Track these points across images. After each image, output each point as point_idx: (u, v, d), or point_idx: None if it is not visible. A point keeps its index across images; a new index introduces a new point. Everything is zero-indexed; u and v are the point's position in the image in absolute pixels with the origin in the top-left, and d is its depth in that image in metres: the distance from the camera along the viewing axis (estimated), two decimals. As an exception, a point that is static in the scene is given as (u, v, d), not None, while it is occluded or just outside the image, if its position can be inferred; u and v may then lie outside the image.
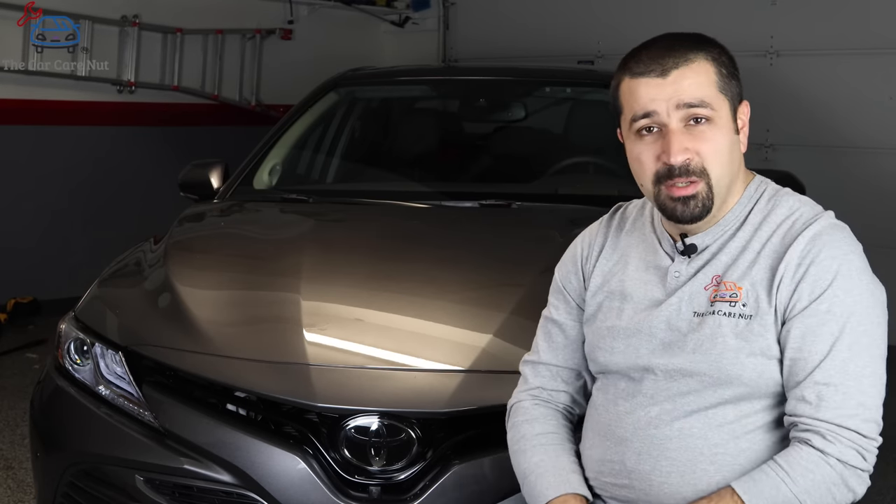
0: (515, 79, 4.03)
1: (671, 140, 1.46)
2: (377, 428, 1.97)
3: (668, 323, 1.52)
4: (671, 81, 1.46)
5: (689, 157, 1.46)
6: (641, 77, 1.48)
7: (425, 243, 2.83)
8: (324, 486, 1.96)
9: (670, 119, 1.46)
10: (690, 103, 1.46)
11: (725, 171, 1.49)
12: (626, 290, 1.60)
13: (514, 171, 3.58)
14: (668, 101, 1.46)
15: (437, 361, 2.20)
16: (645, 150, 1.50)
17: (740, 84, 1.54)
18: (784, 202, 1.54)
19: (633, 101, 1.50)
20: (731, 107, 1.51)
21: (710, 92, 1.47)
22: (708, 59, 1.49)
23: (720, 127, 1.48)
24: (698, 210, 1.48)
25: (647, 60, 1.48)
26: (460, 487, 1.94)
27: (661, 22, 5.73)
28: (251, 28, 6.42)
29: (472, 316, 2.33)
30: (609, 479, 1.58)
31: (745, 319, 1.46)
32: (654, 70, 1.47)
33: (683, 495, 1.49)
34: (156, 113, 6.01)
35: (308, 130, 3.71)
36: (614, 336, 1.59)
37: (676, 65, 1.47)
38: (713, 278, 1.51)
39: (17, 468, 3.44)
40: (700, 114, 1.46)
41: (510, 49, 6.39)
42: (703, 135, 1.47)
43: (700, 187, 1.47)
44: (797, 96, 5.40)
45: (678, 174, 1.47)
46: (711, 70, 1.49)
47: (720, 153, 1.48)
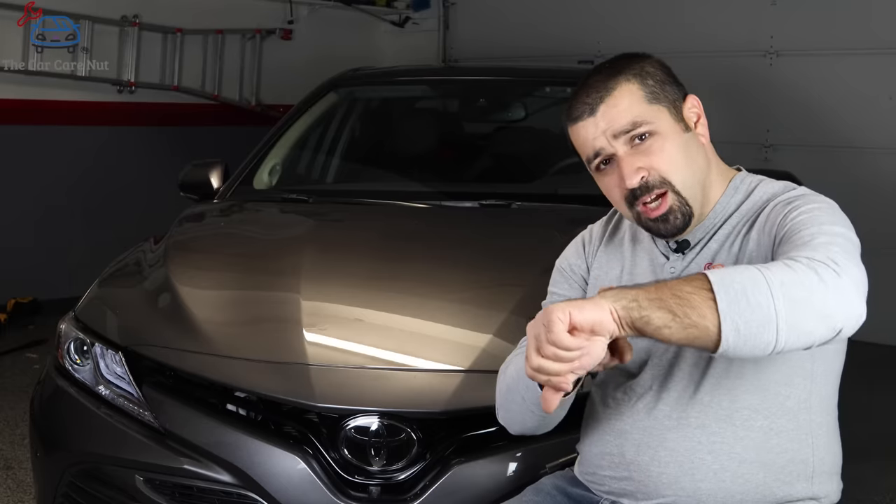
0: (515, 79, 4.03)
1: (622, 166, 1.51)
2: (377, 428, 1.98)
3: None
4: (601, 116, 1.51)
5: (643, 175, 1.50)
6: (578, 122, 1.54)
7: (425, 243, 2.83)
8: (324, 486, 1.96)
9: (616, 148, 1.51)
10: (625, 129, 1.50)
11: (688, 172, 1.52)
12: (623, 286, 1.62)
13: (513, 171, 3.58)
14: (605, 133, 1.51)
15: (436, 361, 2.20)
16: (608, 182, 1.55)
17: (678, 84, 1.56)
18: (768, 188, 1.57)
19: (580, 145, 1.55)
20: (671, 111, 1.53)
21: (640, 109, 1.51)
22: (629, 78, 1.52)
23: (664, 134, 1.51)
24: (679, 222, 1.52)
25: (577, 105, 1.54)
26: (460, 487, 1.94)
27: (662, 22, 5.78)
28: (251, 28, 6.43)
29: (472, 316, 2.33)
30: (608, 473, 1.60)
31: None
32: (585, 111, 1.52)
33: (682, 485, 1.51)
34: (156, 113, 6.01)
35: (308, 130, 3.71)
36: None
37: (601, 99, 1.51)
38: (705, 266, 1.54)
39: (17, 468, 3.44)
40: (639, 132, 1.50)
41: (510, 49, 6.39)
42: (649, 149, 1.50)
43: (670, 199, 1.50)
44: (797, 96, 5.40)
45: (641, 193, 1.50)
46: (635, 87, 1.52)
47: (674, 159, 1.51)
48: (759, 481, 1.50)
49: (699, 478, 1.50)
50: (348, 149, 3.84)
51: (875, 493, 3.31)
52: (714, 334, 1.21)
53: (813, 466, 1.53)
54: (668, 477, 1.52)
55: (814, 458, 1.53)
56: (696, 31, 5.64)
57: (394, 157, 3.87)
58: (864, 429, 3.84)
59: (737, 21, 5.56)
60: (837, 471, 1.59)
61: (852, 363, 1.53)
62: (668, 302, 1.22)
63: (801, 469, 1.52)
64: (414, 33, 7.21)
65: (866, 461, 3.51)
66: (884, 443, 3.79)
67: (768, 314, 1.21)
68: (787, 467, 1.51)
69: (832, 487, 1.56)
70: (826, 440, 1.55)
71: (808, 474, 1.52)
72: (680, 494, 1.51)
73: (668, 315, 1.22)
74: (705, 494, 1.50)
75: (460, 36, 7.06)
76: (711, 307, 1.21)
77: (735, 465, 1.49)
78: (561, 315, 1.20)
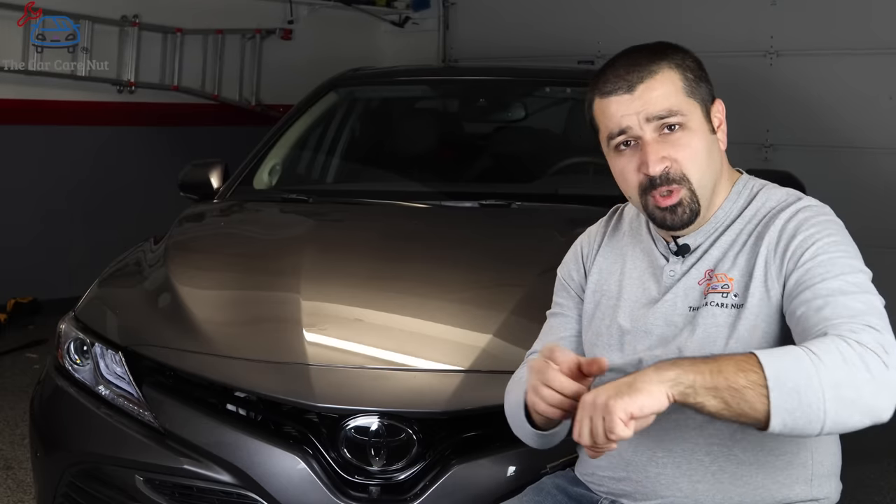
0: (515, 79, 4.03)
1: (647, 152, 1.49)
2: (377, 428, 1.97)
3: (665, 319, 1.55)
4: (638, 95, 1.49)
5: (667, 166, 1.49)
6: (610, 96, 1.51)
7: (425, 243, 2.83)
8: (323, 486, 1.96)
9: (644, 131, 1.49)
10: (660, 115, 1.48)
11: (706, 173, 1.52)
12: (623, 290, 1.63)
13: (513, 171, 3.58)
14: (639, 114, 1.49)
15: (437, 361, 2.20)
16: (626, 165, 1.53)
17: (710, 85, 1.56)
18: (772, 195, 1.57)
19: (606, 119, 1.53)
20: (702, 109, 1.53)
21: (678, 99, 1.50)
22: (672, 66, 1.51)
23: (694, 131, 1.50)
24: (686, 216, 1.51)
25: (613, 78, 1.51)
26: (460, 487, 1.94)
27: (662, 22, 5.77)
28: (251, 28, 6.42)
29: (472, 316, 2.33)
30: (607, 473, 1.60)
31: (737, 308, 1.48)
32: (621, 87, 1.50)
33: (679, 486, 1.51)
34: (156, 113, 6.01)
35: (308, 130, 3.71)
36: (611, 335, 1.61)
37: (641, 78, 1.49)
38: (706, 272, 1.53)
39: (17, 468, 3.44)
40: (671, 122, 1.49)
41: (510, 49, 6.39)
42: (678, 141, 1.49)
43: (683, 193, 1.50)
44: (797, 96, 5.39)
45: (660, 183, 1.49)
46: (677, 77, 1.51)
47: (697, 157, 1.50)
48: (757, 483, 1.50)
49: (697, 479, 1.50)
50: (348, 149, 3.84)
51: (875, 494, 3.31)
52: (762, 422, 1.28)
53: (812, 469, 1.52)
54: (665, 478, 1.52)
55: (812, 461, 1.52)
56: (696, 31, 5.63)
57: (394, 157, 3.87)
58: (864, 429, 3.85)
59: (736, 21, 5.55)
60: (837, 472, 1.59)
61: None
62: (722, 393, 1.27)
63: (799, 471, 1.51)
64: (414, 33, 7.20)
65: (867, 462, 3.51)
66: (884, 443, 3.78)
67: (818, 415, 1.26)
68: (785, 470, 1.50)
69: (831, 489, 1.56)
70: (825, 442, 1.54)
71: (807, 477, 1.52)
72: (678, 495, 1.51)
73: (721, 404, 1.28)
74: (703, 495, 1.50)
75: (460, 36, 7.06)
76: (764, 403, 1.26)
77: (733, 467, 1.49)
78: (622, 415, 1.25)
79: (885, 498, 3.30)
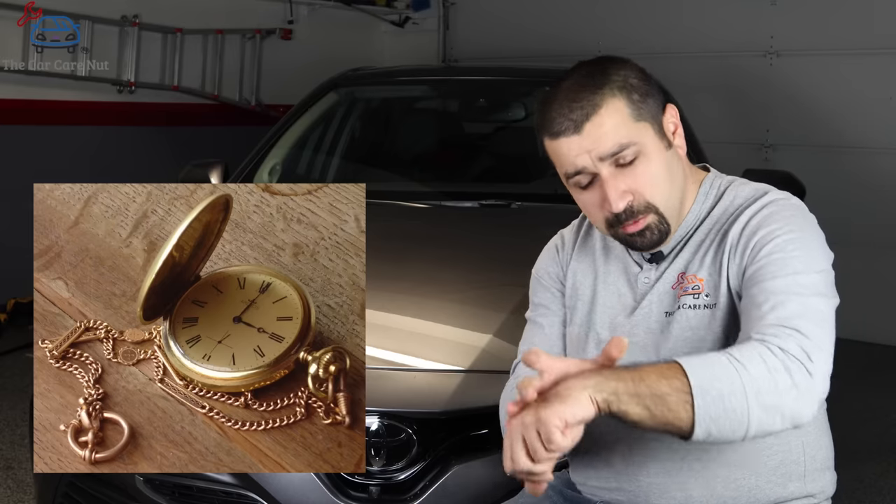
0: (515, 79, 4.03)
1: (608, 190, 1.46)
2: (377, 428, 1.98)
3: (645, 327, 1.54)
4: (587, 134, 1.44)
5: (630, 200, 1.46)
6: (559, 137, 1.46)
7: (425, 243, 2.83)
8: (323, 485, 1.96)
9: (600, 168, 1.46)
10: (612, 151, 1.44)
11: (671, 192, 1.49)
12: (597, 296, 1.61)
13: (513, 171, 3.58)
14: (590, 153, 1.45)
15: (436, 361, 2.20)
16: (588, 201, 1.51)
17: (659, 93, 1.51)
18: (740, 192, 1.54)
19: (559, 160, 1.49)
20: (654, 128, 1.48)
21: (627, 130, 1.45)
22: (615, 92, 1.45)
23: (649, 155, 1.47)
24: (655, 237, 1.50)
25: (558, 118, 1.46)
26: (460, 487, 1.94)
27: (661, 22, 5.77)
28: (251, 28, 6.43)
29: (472, 316, 2.33)
30: (597, 483, 1.59)
31: (709, 309, 1.47)
32: (568, 128, 1.45)
33: (672, 494, 1.50)
34: (156, 113, 6.01)
35: (308, 130, 3.71)
36: (589, 343, 1.59)
37: (587, 116, 1.44)
38: (678, 276, 1.52)
39: (17, 468, 3.44)
40: (626, 155, 1.45)
41: (510, 49, 6.39)
42: (635, 171, 1.46)
43: (650, 219, 1.48)
44: (797, 96, 5.40)
45: (625, 218, 1.47)
46: (622, 105, 1.45)
47: (659, 181, 1.47)
48: (751, 485, 1.49)
49: (689, 486, 1.49)
50: (348, 149, 3.84)
51: (875, 494, 3.31)
52: (686, 431, 1.26)
53: (804, 465, 1.52)
54: (658, 487, 1.51)
55: (805, 457, 1.51)
56: (696, 31, 5.64)
57: (394, 156, 3.87)
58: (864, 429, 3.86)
59: (736, 21, 5.56)
60: (830, 465, 1.58)
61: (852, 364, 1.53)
62: (645, 400, 1.25)
63: (793, 469, 1.51)
64: (414, 33, 7.21)
65: (867, 461, 3.52)
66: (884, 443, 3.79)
67: (741, 420, 1.26)
68: (778, 469, 1.50)
69: (826, 481, 1.56)
70: (816, 436, 1.54)
71: (801, 473, 1.51)
72: (671, 503, 1.51)
73: (645, 412, 1.25)
74: (697, 502, 1.49)
75: (460, 36, 7.06)
76: (688, 410, 1.25)
77: (725, 471, 1.48)
78: (557, 423, 1.21)
79: (884, 498, 3.30)
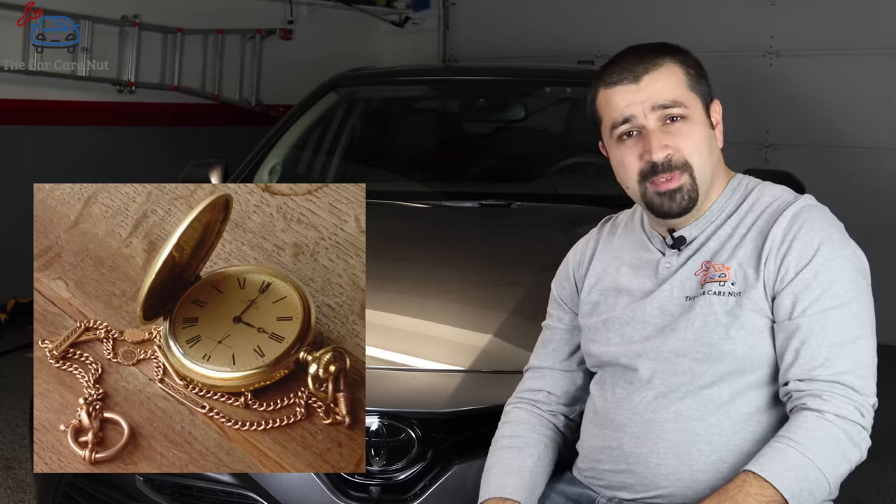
0: (515, 79, 4.03)
1: (651, 139, 1.53)
2: (377, 428, 1.97)
3: (661, 309, 1.57)
4: (644, 86, 1.54)
5: (669, 153, 1.53)
6: (616, 86, 1.56)
7: (425, 243, 2.83)
8: (323, 485, 1.96)
9: (648, 120, 1.54)
10: (664, 104, 1.53)
11: (706, 163, 1.56)
12: (620, 285, 1.65)
13: (513, 171, 3.58)
14: (643, 104, 1.54)
15: (437, 361, 2.20)
16: (628, 153, 1.57)
17: (709, 85, 1.61)
18: (768, 191, 1.60)
19: (610, 109, 1.57)
20: (703, 105, 1.58)
21: (682, 92, 1.55)
22: (675, 62, 1.57)
23: (696, 123, 1.55)
24: (685, 202, 1.55)
25: (619, 70, 1.56)
26: (460, 487, 1.94)
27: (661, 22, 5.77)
28: (251, 28, 6.42)
29: (472, 316, 2.33)
30: (607, 467, 1.60)
31: (734, 297, 1.51)
32: (627, 77, 1.55)
33: (679, 476, 1.52)
34: (156, 113, 6.01)
35: (308, 130, 3.71)
36: (609, 328, 1.63)
37: (647, 70, 1.55)
38: (703, 264, 1.56)
39: (17, 468, 3.44)
40: (675, 113, 1.54)
41: (510, 49, 6.39)
42: (680, 131, 1.54)
43: (684, 179, 1.54)
44: (797, 96, 5.40)
45: (661, 170, 1.53)
46: (680, 72, 1.56)
47: (699, 146, 1.55)
48: None
49: (697, 468, 1.51)
50: (348, 149, 3.84)
51: (875, 494, 3.31)
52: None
53: None
54: (666, 468, 1.52)
55: None
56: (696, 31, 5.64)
57: (394, 156, 3.87)
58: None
59: (736, 21, 5.56)
60: None
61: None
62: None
63: None
64: (414, 33, 7.21)
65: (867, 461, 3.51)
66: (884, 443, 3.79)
67: (825, 494, 1.44)
68: None
69: None
70: None
71: None
72: (678, 486, 1.52)
73: None
74: (703, 485, 1.50)
75: (460, 36, 7.06)
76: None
77: (733, 457, 1.50)
78: None
79: (884, 498, 3.30)
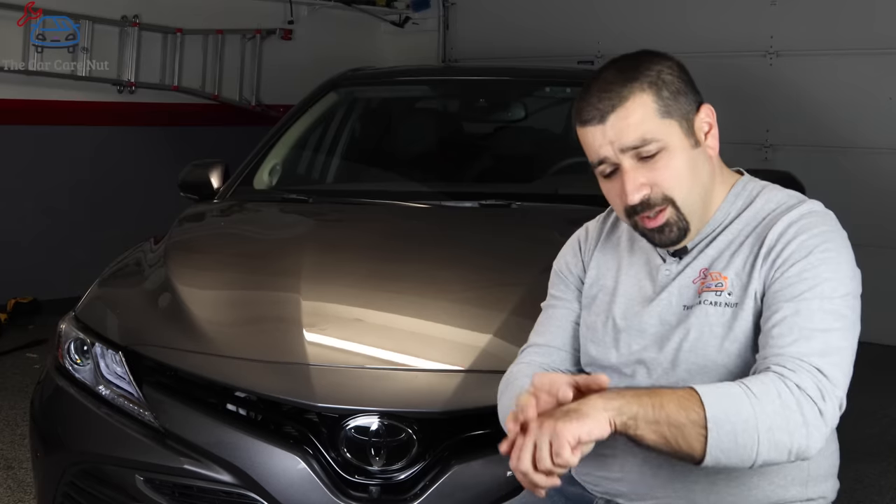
0: (515, 79, 4.03)
1: (626, 181, 1.48)
2: (377, 428, 1.98)
3: (660, 318, 1.55)
4: (610, 126, 1.47)
5: (646, 193, 1.48)
6: (586, 125, 1.50)
7: (425, 243, 2.83)
8: (324, 486, 1.96)
9: (621, 160, 1.48)
10: (633, 145, 1.46)
11: (692, 189, 1.50)
12: (619, 286, 1.63)
13: (513, 171, 3.58)
14: (612, 145, 1.47)
15: (436, 361, 2.20)
16: (610, 190, 1.53)
17: (695, 92, 1.52)
18: (772, 196, 1.55)
19: (586, 147, 1.53)
20: (682, 126, 1.49)
21: (652, 125, 1.46)
22: (644, 88, 1.47)
23: (674, 151, 1.48)
24: (674, 235, 1.51)
25: (587, 108, 1.50)
26: (460, 487, 1.94)
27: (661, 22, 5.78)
28: (251, 28, 6.43)
29: (472, 316, 2.33)
30: (602, 474, 1.60)
31: (731, 308, 1.48)
32: (595, 117, 1.48)
33: (674, 487, 1.51)
34: (156, 113, 6.01)
35: (308, 130, 3.71)
36: (606, 332, 1.61)
37: (613, 107, 1.46)
38: (700, 271, 1.53)
39: (17, 468, 3.44)
40: (647, 151, 1.47)
41: (510, 49, 6.39)
42: (656, 165, 1.47)
43: (668, 213, 1.49)
44: (797, 96, 5.40)
45: (641, 210, 1.49)
46: (649, 100, 1.46)
47: (679, 176, 1.48)
48: (752, 484, 1.49)
49: (692, 479, 1.50)
50: (348, 149, 3.84)
51: (875, 494, 3.31)
52: (697, 459, 1.32)
53: (808, 471, 1.52)
54: (661, 478, 1.52)
55: (809, 463, 1.51)
56: (696, 31, 5.65)
57: (394, 157, 3.87)
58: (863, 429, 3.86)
59: (737, 21, 5.56)
60: (834, 472, 1.58)
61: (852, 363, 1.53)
62: (662, 428, 1.31)
63: (795, 473, 1.51)
64: (414, 33, 7.21)
65: (867, 461, 3.52)
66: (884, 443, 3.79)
67: (750, 454, 1.32)
68: (781, 471, 1.50)
69: (827, 488, 1.56)
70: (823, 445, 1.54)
71: (803, 479, 1.52)
72: (673, 496, 1.51)
73: (660, 439, 1.32)
74: (698, 496, 1.50)
75: (460, 36, 7.07)
76: (701, 442, 1.31)
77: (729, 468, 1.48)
78: (571, 439, 1.26)
79: (884, 498, 3.30)
